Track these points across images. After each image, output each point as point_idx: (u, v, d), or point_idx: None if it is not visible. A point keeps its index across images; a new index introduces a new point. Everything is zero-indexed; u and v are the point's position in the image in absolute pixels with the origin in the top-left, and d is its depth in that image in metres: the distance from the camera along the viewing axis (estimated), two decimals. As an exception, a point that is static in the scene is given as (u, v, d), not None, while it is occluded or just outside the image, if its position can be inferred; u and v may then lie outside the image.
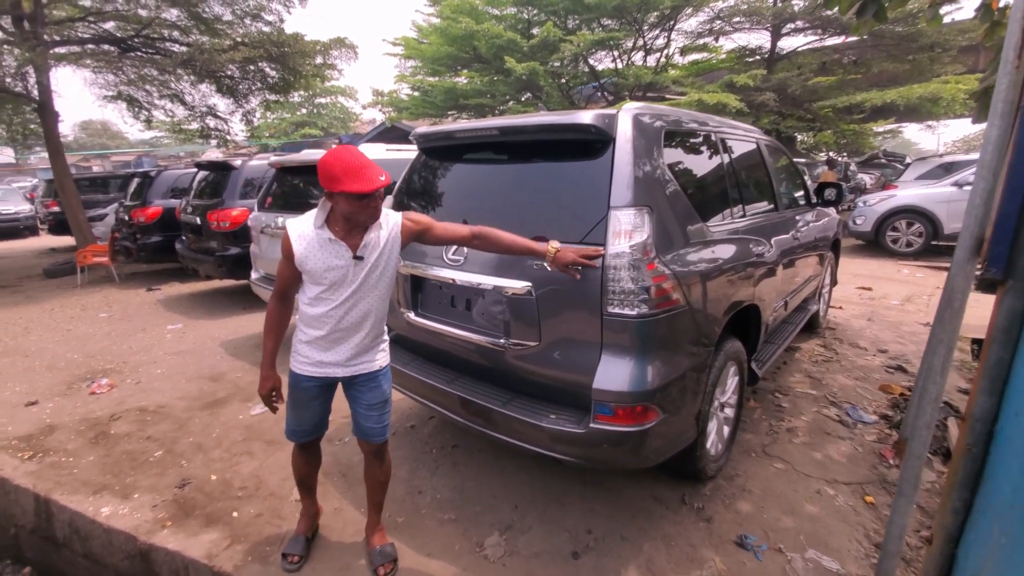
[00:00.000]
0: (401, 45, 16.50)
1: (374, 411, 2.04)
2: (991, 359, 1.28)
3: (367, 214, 1.78)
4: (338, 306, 1.87)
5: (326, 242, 1.81)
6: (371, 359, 2.02)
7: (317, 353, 1.95)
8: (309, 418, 2.06)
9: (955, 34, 11.44)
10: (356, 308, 1.90)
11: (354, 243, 1.83)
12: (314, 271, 1.82)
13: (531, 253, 1.97)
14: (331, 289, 1.85)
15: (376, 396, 2.04)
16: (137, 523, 2.44)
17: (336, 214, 1.81)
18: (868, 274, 7.52)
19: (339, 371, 1.98)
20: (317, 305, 1.88)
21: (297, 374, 1.99)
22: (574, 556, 2.15)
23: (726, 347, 2.39)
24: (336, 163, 1.68)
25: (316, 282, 1.85)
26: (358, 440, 2.13)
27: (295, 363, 1.99)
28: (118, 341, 5.17)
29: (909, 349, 4.42)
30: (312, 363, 1.96)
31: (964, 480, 1.36)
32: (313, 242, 1.81)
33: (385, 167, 4.56)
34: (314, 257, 1.81)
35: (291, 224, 1.84)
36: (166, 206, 7.73)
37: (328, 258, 1.81)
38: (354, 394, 2.05)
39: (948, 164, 9.78)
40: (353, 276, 1.85)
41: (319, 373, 1.97)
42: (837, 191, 3.99)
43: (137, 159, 33.72)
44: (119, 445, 3.15)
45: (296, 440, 2.11)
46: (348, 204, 1.73)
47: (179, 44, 9.37)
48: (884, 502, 2.47)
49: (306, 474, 2.21)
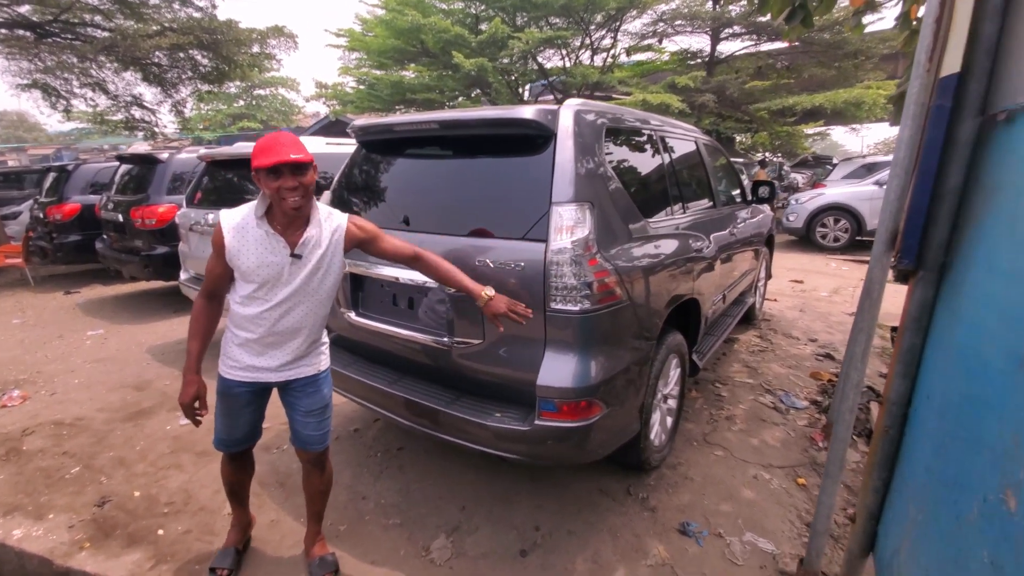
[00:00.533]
0: (345, 36, 16.00)
1: (312, 418, 1.92)
2: (904, 345, 1.35)
3: (288, 197, 1.63)
4: (272, 308, 1.73)
5: (262, 236, 1.68)
6: (309, 363, 1.90)
7: (249, 357, 1.81)
8: (240, 426, 1.92)
9: (877, 42, 12.29)
10: (293, 312, 1.77)
11: (292, 240, 1.71)
12: (246, 267, 1.69)
13: (464, 291, 1.88)
14: (265, 288, 1.72)
15: (315, 402, 1.92)
16: (52, 545, 2.23)
17: (274, 207, 1.69)
18: (800, 268, 7.96)
19: (272, 376, 1.85)
20: (249, 305, 1.74)
21: (227, 379, 1.83)
22: (522, 554, 2.14)
23: (668, 340, 2.44)
24: (258, 143, 1.64)
25: (248, 280, 1.71)
26: (296, 449, 2.00)
27: (224, 367, 1.84)
28: (32, 349, 4.73)
29: (836, 338, 4.70)
30: (243, 367, 1.82)
31: (883, 460, 1.44)
32: (248, 235, 1.68)
33: (325, 161, 4.39)
34: (247, 251, 1.68)
35: (224, 215, 1.71)
36: (85, 202, 7.14)
37: (263, 253, 1.68)
38: (291, 400, 1.92)
39: (871, 164, 10.51)
40: (290, 276, 1.72)
41: (250, 378, 1.83)
42: (770, 189, 4.18)
43: (56, 152, 31.10)
44: (32, 462, 2.87)
45: (226, 450, 1.97)
46: (266, 183, 1.62)
47: (101, 29, 8.68)
48: (815, 483, 2.61)
49: (237, 483, 2.07)
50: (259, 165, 1.60)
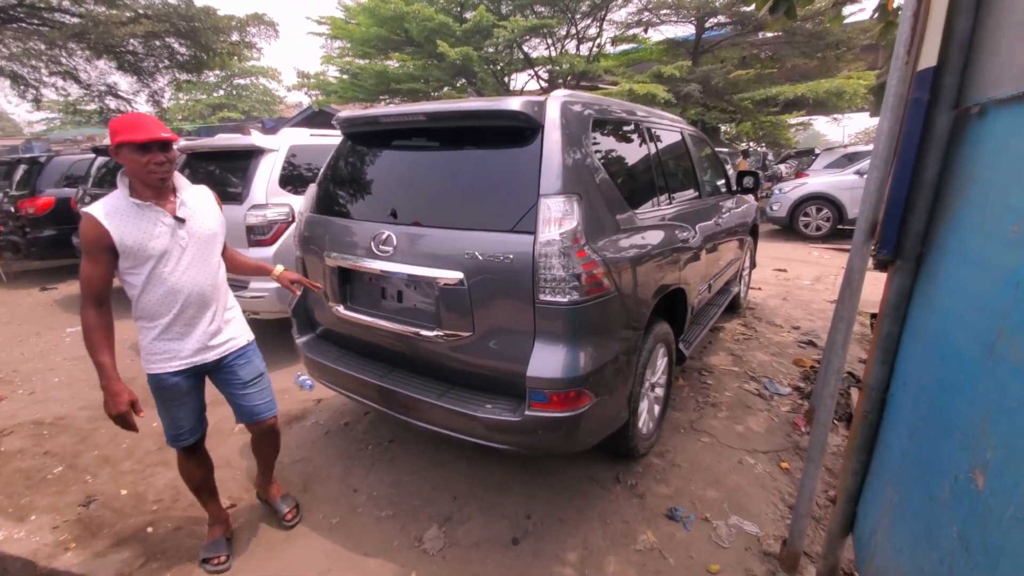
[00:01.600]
0: (327, 24, 15.69)
1: (252, 387, 2.00)
2: (883, 332, 1.40)
3: (155, 172, 1.69)
4: (176, 277, 1.77)
5: (138, 210, 1.71)
6: (235, 334, 1.99)
7: (176, 344, 1.83)
8: (185, 416, 1.94)
9: (858, 33, 12.40)
10: (197, 278, 1.82)
11: (169, 207, 1.77)
12: (136, 246, 1.69)
13: (260, 272, 2.18)
14: (163, 261, 1.74)
15: (251, 371, 2.01)
16: (36, 547, 2.21)
17: (136, 183, 1.72)
18: (783, 257, 8.09)
19: (208, 355, 1.90)
20: (153, 287, 1.76)
21: (159, 375, 1.84)
22: (514, 542, 2.17)
23: (655, 330, 2.47)
24: (120, 119, 1.68)
25: (142, 259, 1.71)
26: (248, 425, 2.05)
27: (153, 364, 1.83)
28: (6, 348, 4.62)
29: (818, 325, 4.80)
30: (172, 356, 1.83)
31: (862, 444, 1.49)
32: (125, 215, 1.69)
33: (309, 153, 4.33)
34: (132, 230, 1.68)
35: (92, 208, 1.67)
36: (59, 196, 6.95)
37: (147, 226, 1.71)
38: (226, 378, 1.97)
39: (851, 154, 10.67)
40: (182, 240, 1.78)
41: (185, 365, 1.86)
42: (755, 179, 4.23)
43: (25, 143, 30.16)
44: (11, 463, 2.83)
45: (180, 445, 1.98)
46: (133, 159, 1.66)
47: (70, 15, 8.41)
48: (797, 467, 2.68)
49: (201, 478, 2.09)
50: (128, 140, 1.62)
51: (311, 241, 2.57)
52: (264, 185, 3.80)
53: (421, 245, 2.13)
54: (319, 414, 3.25)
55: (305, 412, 3.28)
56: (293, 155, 4.05)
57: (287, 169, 3.96)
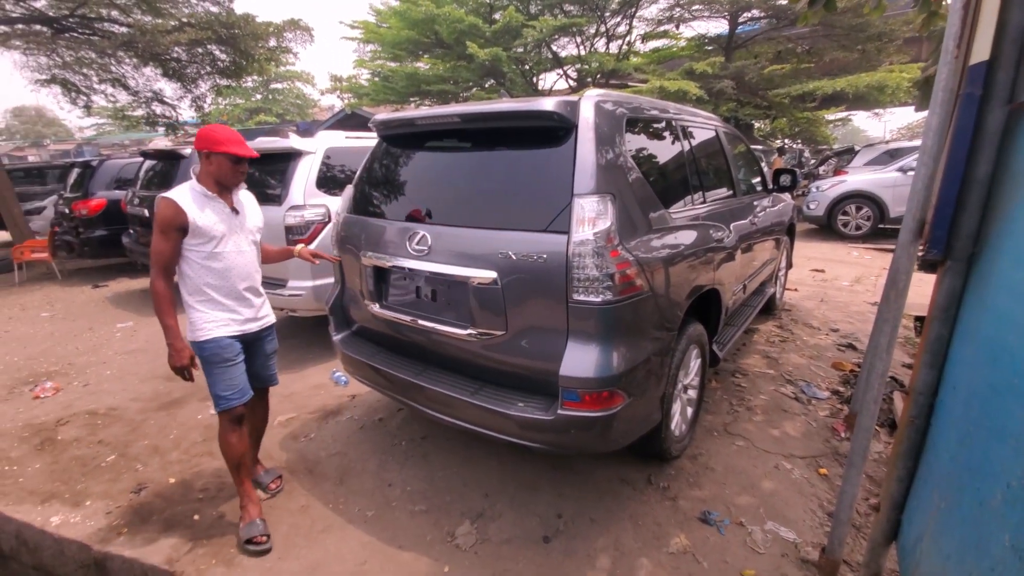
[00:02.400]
0: (360, 28, 16.02)
1: (271, 360, 2.46)
2: (932, 336, 1.35)
3: (237, 179, 2.15)
4: (231, 257, 2.15)
5: (208, 200, 2.11)
6: (269, 312, 2.39)
7: (230, 313, 2.18)
8: (239, 375, 2.20)
9: (900, 24, 11.94)
10: (244, 259, 2.21)
11: (229, 201, 2.18)
12: (207, 226, 2.07)
13: (285, 255, 2.56)
14: (222, 242, 2.13)
15: (274, 345, 2.46)
16: (90, 531, 2.33)
17: (208, 178, 2.11)
18: (821, 257, 7.85)
19: (254, 326, 2.28)
20: (215, 260, 2.12)
21: (218, 338, 2.15)
22: (545, 540, 2.18)
23: (688, 331, 2.45)
24: (220, 130, 2.09)
25: (207, 237, 2.09)
26: (256, 389, 2.37)
27: (211, 330, 2.13)
28: (62, 342, 4.89)
29: (858, 327, 4.64)
30: (229, 322, 2.18)
31: (908, 450, 1.45)
32: (198, 202, 2.08)
33: (345, 155, 4.44)
34: (205, 214, 2.08)
35: (172, 194, 2.05)
36: (110, 197, 7.31)
37: (213, 213, 2.11)
38: (259, 347, 2.37)
39: (893, 150, 10.25)
40: (235, 226, 2.18)
41: (239, 331, 2.21)
42: (792, 177, 4.13)
43: (77, 148, 31.73)
44: (68, 451, 3.00)
45: (235, 404, 2.18)
46: (225, 166, 2.08)
47: (119, 24, 8.81)
48: (836, 473, 2.61)
49: (243, 453, 2.28)
50: (231, 152, 2.05)
51: (348, 241, 2.63)
52: (302, 187, 3.91)
53: (455, 245, 2.16)
54: (354, 409, 3.33)
55: (340, 407, 3.37)
56: (329, 157, 4.15)
57: (323, 171, 4.07)
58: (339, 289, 2.82)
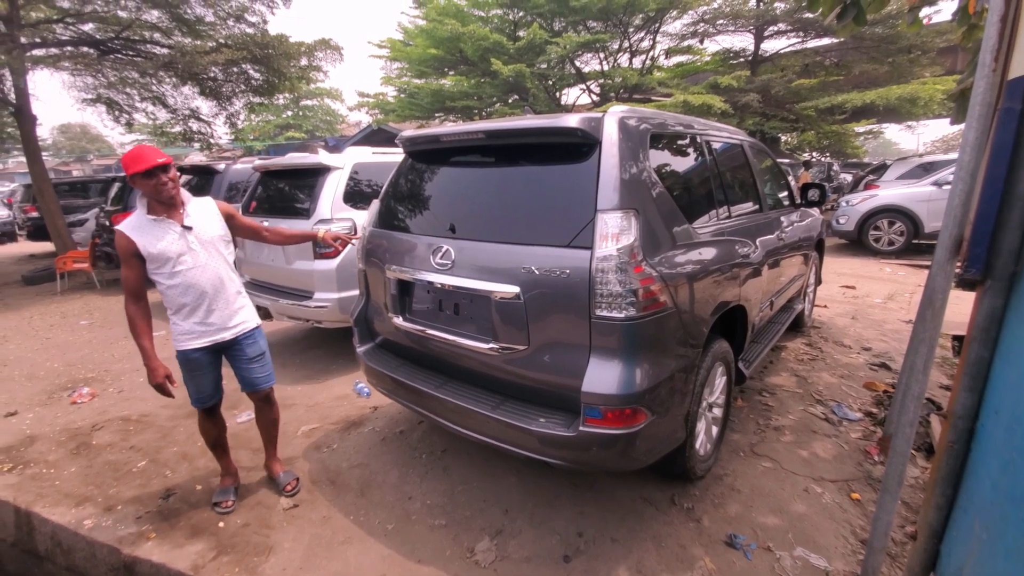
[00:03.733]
0: (387, 47, 16.44)
1: (255, 363, 2.47)
2: (971, 357, 1.30)
3: (163, 190, 2.13)
4: (191, 270, 2.22)
5: (155, 224, 2.17)
6: (245, 318, 2.44)
7: (198, 326, 2.29)
8: (206, 384, 2.41)
9: (933, 36, 11.67)
10: (207, 269, 2.26)
11: (178, 218, 2.22)
12: (157, 250, 2.15)
13: (307, 238, 2.66)
14: (179, 261, 2.20)
15: (255, 350, 2.47)
16: (121, 535, 2.39)
17: (152, 202, 2.18)
18: (852, 273, 7.64)
19: (225, 334, 2.36)
20: (175, 279, 2.21)
21: (186, 351, 2.31)
22: (565, 559, 2.15)
23: (713, 348, 2.41)
24: (127, 157, 2.10)
25: (162, 261, 2.17)
26: (248, 394, 2.54)
27: (182, 343, 2.30)
28: (100, 349, 5.07)
29: (892, 346, 4.49)
30: (196, 336, 2.29)
31: (947, 476, 1.39)
32: (145, 228, 2.15)
33: (371, 170, 4.53)
34: (151, 239, 2.15)
35: (121, 226, 2.15)
36: (149, 211, 7.59)
37: (162, 235, 2.17)
38: (237, 354, 2.44)
39: (928, 164, 9.95)
40: (191, 244, 2.23)
41: (207, 342, 2.32)
42: (820, 192, 4.05)
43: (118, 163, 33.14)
44: (101, 455, 3.09)
45: (202, 406, 2.45)
46: (143, 184, 2.11)
47: (160, 46, 9.23)
48: (869, 498, 2.51)
49: (216, 436, 2.56)
50: (136, 171, 2.07)
51: (373, 254, 2.68)
52: (330, 201, 4.00)
53: (478, 259, 2.18)
54: (375, 421, 3.36)
55: (363, 419, 3.40)
56: (356, 172, 4.24)
57: (350, 185, 4.16)
58: (364, 301, 2.86)
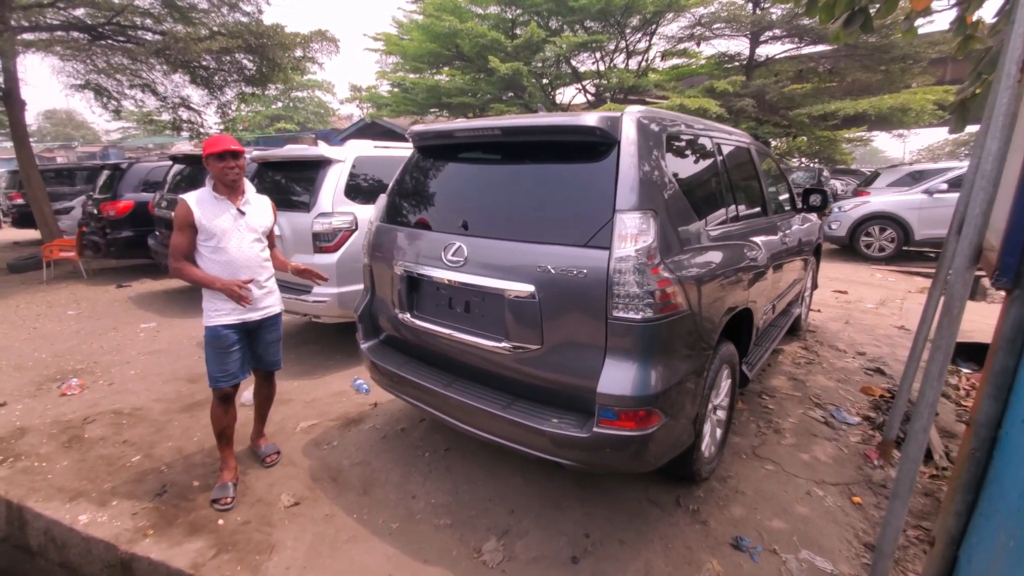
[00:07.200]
0: (382, 40, 16.29)
1: (274, 346, 2.68)
2: (996, 366, 1.31)
3: (229, 172, 2.36)
4: (233, 252, 2.39)
5: (216, 201, 2.39)
6: (273, 303, 2.61)
7: (230, 303, 2.39)
8: (232, 363, 2.46)
9: (926, 46, 11.87)
10: (247, 255, 2.44)
11: (236, 202, 2.44)
12: (210, 225, 2.34)
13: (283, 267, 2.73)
14: (224, 238, 2.37)
15: (277, 334, 2.69)
16: (117, 531, 2.33)
17: (218, 183, 2.41)
18: (843, 278, 7.74)
19: (254, 315, 2.50)
20: (219, 254, 2.38)
21: (217, 326, 2.42)
22: (573, 561, 2.14)
23: (721, 350, 2.41)
24: (208, 141, 2.37)
25: (211, 234, 2.35)
26: (257, 371, 2.72)
27: (213, 318, 2.42)
28: (88, 340, 4.95)
29: (885, 351, 4.55)
30: (227, 313, 2.42)
31: (967, 483, 1.39)
32: (206, 203, 2.37)
33: (373, 164, 4.46)
34: (209, 214, 2.35)
35: (186, 196, 2.37)
36: (138, 200, 7.45)
37: (219, 212, 2.38)
38: (261, 335, 2.60)
39: (917, 172, 10.12)
40: (240, 227, 2.42)
41: (236, 319, 2.44)
42: (822, 197, 4.08)
43: (103, 151, 32.45)
44: (94, 449, 3.01)
45: (220, 386, 2.46)
46: (214, 164, 2.34)
47: (152, 32, 9.03)
48: (871, 502, 2.53)
49: (227, 425, 2.56)
50: (211, 152, 2.32)
51: (380, 249, 2.64)
52: (331, 194, 3.94)
53: (492, 257, 2.16)
54: (376, 418, 3.31)
55: (362, 416, 3.36)
56: (357, 166, 4.18)
57: (352, 179, 4.10)
58: (369, 297, 2.82)
